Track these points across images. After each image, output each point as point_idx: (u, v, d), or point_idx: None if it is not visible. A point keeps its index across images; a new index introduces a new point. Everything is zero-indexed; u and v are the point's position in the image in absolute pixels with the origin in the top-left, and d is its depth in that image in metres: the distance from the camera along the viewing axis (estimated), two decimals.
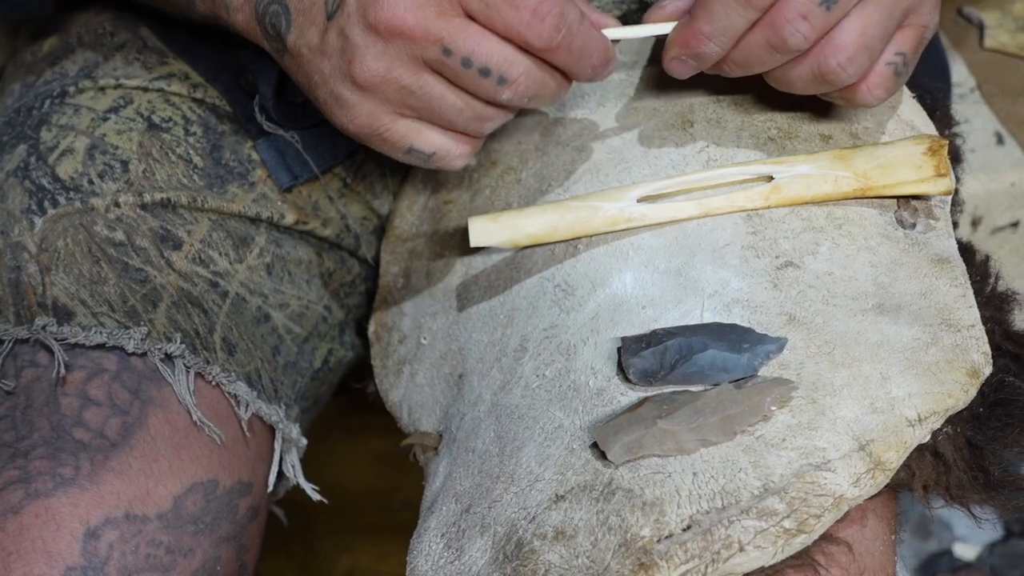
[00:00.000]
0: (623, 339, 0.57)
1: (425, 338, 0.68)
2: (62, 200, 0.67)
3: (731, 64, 0.58)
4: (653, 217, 0.61)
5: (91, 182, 0.68)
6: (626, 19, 0.72)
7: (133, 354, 0.64)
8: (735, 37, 0.56)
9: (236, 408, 0.67)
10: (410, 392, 0.68)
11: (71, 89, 0.72)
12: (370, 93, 0.56)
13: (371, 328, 0.73)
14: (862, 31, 0.55)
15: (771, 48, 0.56)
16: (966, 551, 1.15)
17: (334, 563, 1.06)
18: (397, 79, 0.55)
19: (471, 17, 0.54)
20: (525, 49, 0.55)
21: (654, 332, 0.56)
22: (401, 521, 0.95)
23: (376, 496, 1.01)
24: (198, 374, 0.65)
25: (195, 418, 0.64)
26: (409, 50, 0.54)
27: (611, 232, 0.61)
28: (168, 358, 0.64)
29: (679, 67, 0.59)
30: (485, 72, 0.55)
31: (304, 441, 0.71)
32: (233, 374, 0.66)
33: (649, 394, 0.55)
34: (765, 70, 0.58)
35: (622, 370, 0.56)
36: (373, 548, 1.06)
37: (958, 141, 0.69)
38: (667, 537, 0.51)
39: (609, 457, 0.53)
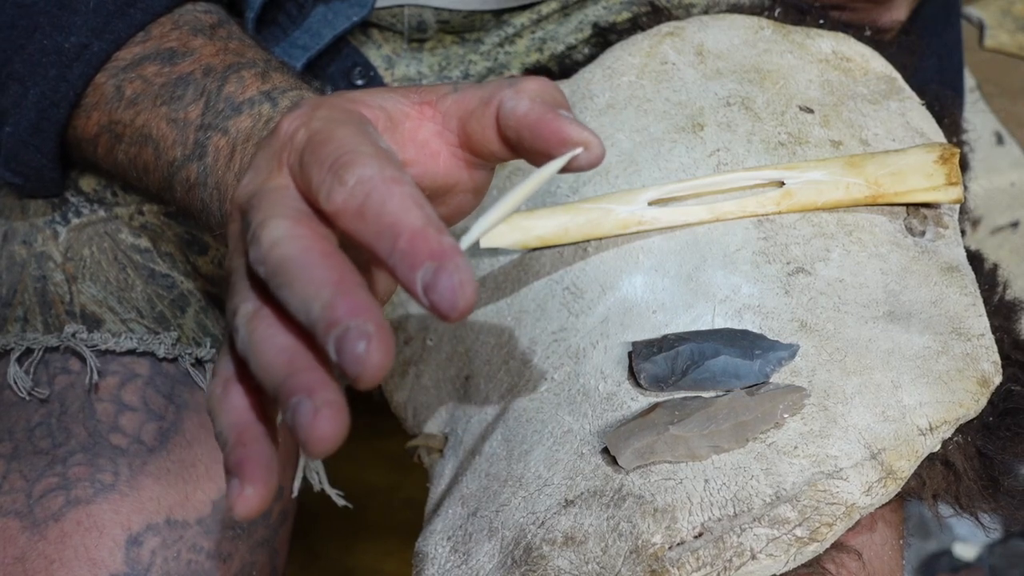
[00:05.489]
0: (634, 344, 0.56)
1: (431, 339, 0.68)
2: (86, 211, 0.67)
3: None
4: (664, 220, 0.60)
5: (115, 194, 0.68)
6: (636, 19, 0.72)
7: (164, 359, 0.63)
8: None
9: None
10: (415, 393, 0.68)
11: None
12: None
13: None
14: None
15: None
16: (966, 551, 1.15)
17: (334, 562, 1.06)
18: None
19: None
20: None
21: (665, 337, 0.56)
22: (402, 520, 0.95)
23: (377, 495, 1.00)
24: None
25: None
26: None
27: (621, 235, 0.61)
28: (199, 363, 0.64)
29: None
30: None
31: None
32: None
33: (660, 399, 0.55)
34: None
35: (633, 375, 0.56)
36: (374, 547, 1.06)
37: (965, 148, 0.69)
38: (679, 544, 0.51)
39: (620, 463, 0.53)
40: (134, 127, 0.60)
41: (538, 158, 0.47)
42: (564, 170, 0.47)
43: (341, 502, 0.70)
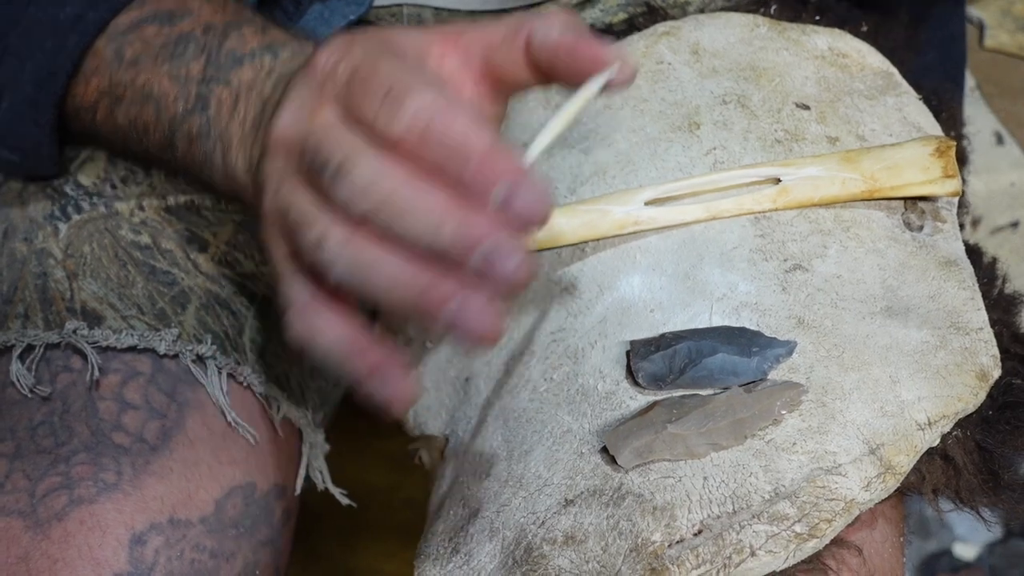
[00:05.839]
0: (632, 343, 0.56)
1: (430, 342, 0.68)
2: (86, 206, 0.67)
3: None
4: (661, 220, 0.60)
5: (114, 187, 0.68)
6: (632, 20, 0.72)
7: (165, 356, 0.63)
8: None
9: (268, 409, 0.66)
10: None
11: None
12: None
13: (375, 331, 0.72)
14: None
15: None
16: (966, 551, 1.15)
17: (335, 562, 1.06)
18: None
19: None
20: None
21: (663, 336, 0.56)
22: (403, 520, 0.95)
23: (378, 495, 1.00)
24: (229, 375, 0.65)
25: (230, 419, 0.63)
26: None
27: (618, 235, 0.61)
28: (200, 359, 0.64)
29: None
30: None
31: (327, 447, 0.71)
32: (264, 375, 0.66)
33: (658, 398, 0.55)
34: None
35: (631, 374, 0.56)
36: (374, 547, 1.06)
37: (963, 142, 0.69)
38: (678, 542, 0.51)
39: (619, 462, 0.53)
40: (135, 87, 0.60)
41: (572, 80, 0.49)
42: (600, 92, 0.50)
43: (345, 501, 0.70)
